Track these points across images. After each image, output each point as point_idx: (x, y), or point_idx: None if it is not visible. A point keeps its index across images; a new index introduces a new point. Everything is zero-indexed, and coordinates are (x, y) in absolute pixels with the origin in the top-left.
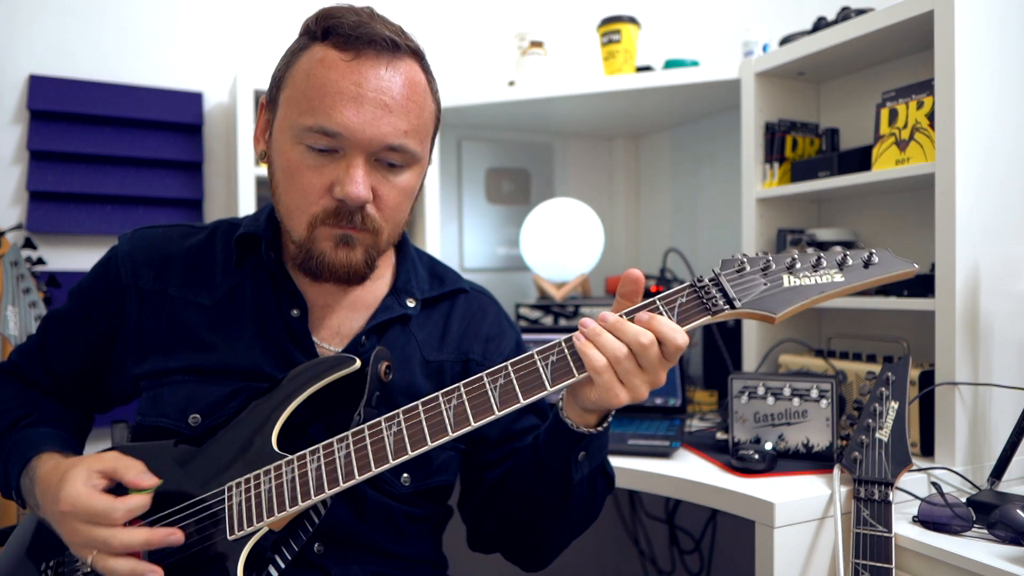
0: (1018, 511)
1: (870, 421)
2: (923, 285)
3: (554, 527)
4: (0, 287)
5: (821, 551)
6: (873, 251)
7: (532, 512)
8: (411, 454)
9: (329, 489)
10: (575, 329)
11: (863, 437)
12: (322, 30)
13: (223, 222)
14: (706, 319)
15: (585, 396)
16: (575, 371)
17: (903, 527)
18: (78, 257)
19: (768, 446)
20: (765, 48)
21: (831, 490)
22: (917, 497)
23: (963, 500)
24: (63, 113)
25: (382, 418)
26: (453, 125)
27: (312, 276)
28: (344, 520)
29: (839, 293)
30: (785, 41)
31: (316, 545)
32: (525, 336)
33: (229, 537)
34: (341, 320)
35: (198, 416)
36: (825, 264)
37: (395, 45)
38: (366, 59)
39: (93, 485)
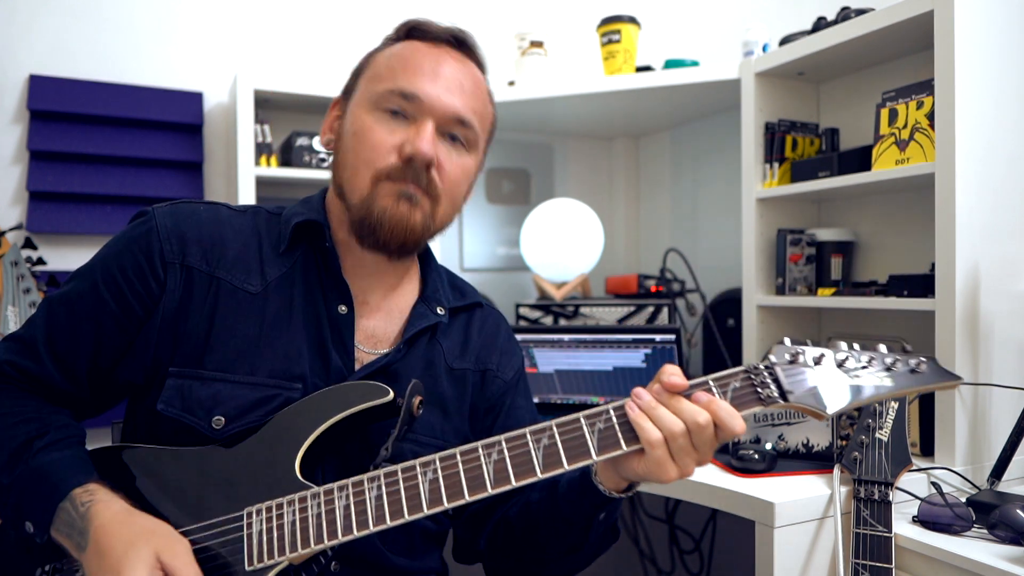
0: (1018, 511)
1: (870, 421)
2: (923, 285)
3: (549, 571)
4: (0, 287)
5: (821, 551)
6: (923, 359)
7: (532, 551)
8: (446, 505)
9: (358, 531)
10: (575, 329)
11: (863, 437)
12: (406, 31)
13: (260, 208)
14: (757, 408)
15: (630, 468)
16: (623, 443)
17: (903, 527)
18: (78, 257)
19: (768, 446)
20: (765, 48)
21: (831, 490)
22: (917, 497)
23: (963, 500)
24: (63, 113)
25: (417, 462)
26: None
27: (367, 238)
28: (365, 540)
29: (886, 397)
30: (785, 41)
31: (333, 564)
32: (525, 336)
33: (247, 567)
34: (376, 323)
35: (222, 419)
36: (875, 366)
37: (471, 48)
38: (446, 50)
39: None
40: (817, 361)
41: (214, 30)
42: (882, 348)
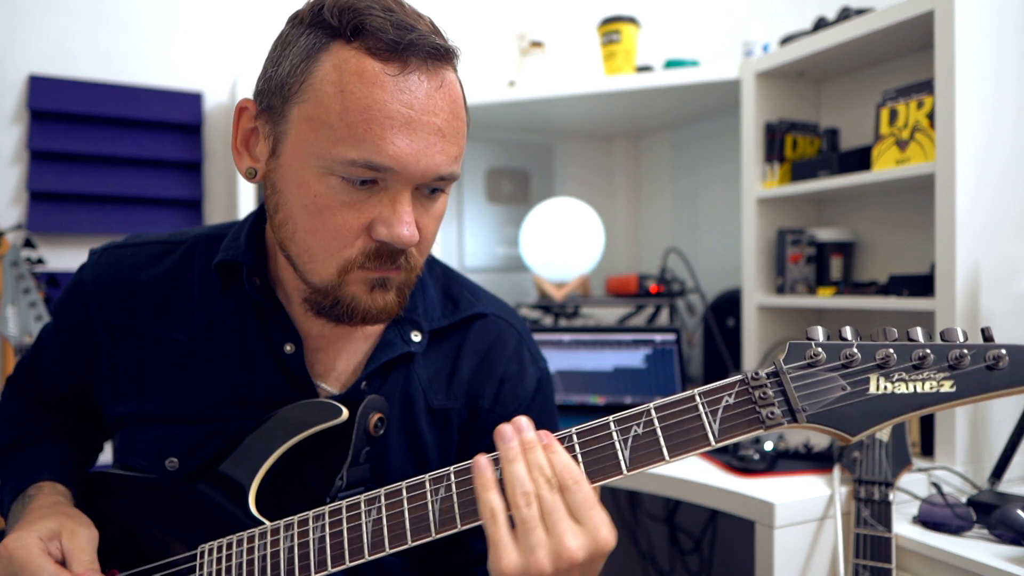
0: (1018, 511)
1: None
2: (923, 285)
3: None
4: (0, 287)
5: (821, 551)
6: (1004, 349)
7: None
8: (388, 550)
9: None
10: (575, 329)
11: None
12: (351, 28)
13: (202, 237)
14: (756, 432)
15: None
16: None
17: (903, 527)
18: (78, 257)
19: (768, 446)
20: (765, 48)
21: (831, 490)
22: (917, 497)
23: (963, 500)
24: (63, 113)
25: (362, 498)
26: None
27: (334, 321)
28: None
29: (946, 408)
30: (785, 41)
31: None
32: None
33: None
34: (337, 355)
35: (175, 460)
36: (932, 361)
37: (442, 53)
38: (414, 72)
39: (47, 549)
40: (847, 363)
41: (214, 30)
42: (957, 333)
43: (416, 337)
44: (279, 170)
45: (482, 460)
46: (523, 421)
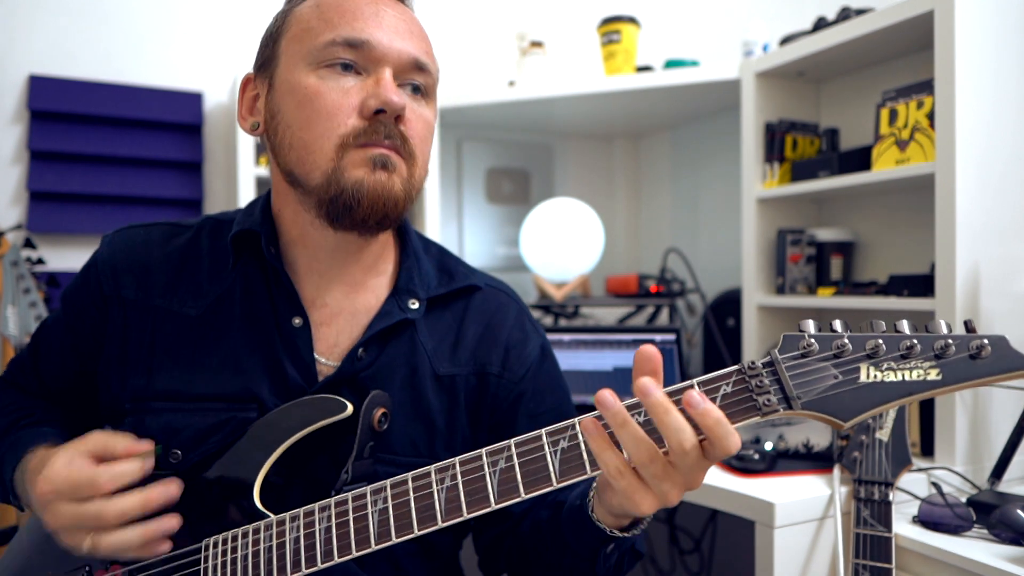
0: (1018, 511)
1: (870, 421)
2: (923, 285)
3: None
4: (0, 287)
5: (821, 551)
6: (986, 340)
7: (544, 572)
8: (395, 540)
9: (307, 568)
10: (575, 329)
11: (863, 437)
12: None
13: (208, 220)
14: (753, 419)
15: (607, 498)
16: (588, 467)
17: (903, 527)
18: (78, 257)
19: (768, 446)
20: (765, 48)
21: (831, 490)
22: (917, 497)
23: (963, 500)
24: (63, 113)
25: (368, 489)
26: (453, 125)
27: (342, 218)
28: (343, 567)
29: (933, 395)
30: (785, 41)
31: None
32: None
33: None
34: (340, 328)
35: (179, 452)
36: (919, 351)
37: None
38: None
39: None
40: (838, 354)
41: (214, 30)
42: (941, 325)
43: (414, 305)
44: (275, 96)
45: (589, 423)
46: (646, 384)
